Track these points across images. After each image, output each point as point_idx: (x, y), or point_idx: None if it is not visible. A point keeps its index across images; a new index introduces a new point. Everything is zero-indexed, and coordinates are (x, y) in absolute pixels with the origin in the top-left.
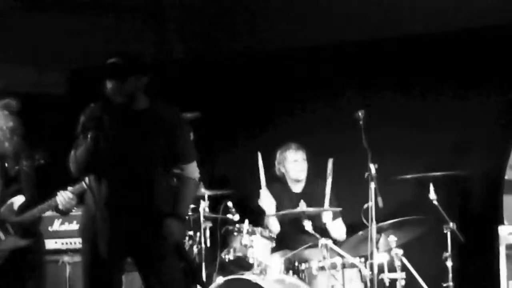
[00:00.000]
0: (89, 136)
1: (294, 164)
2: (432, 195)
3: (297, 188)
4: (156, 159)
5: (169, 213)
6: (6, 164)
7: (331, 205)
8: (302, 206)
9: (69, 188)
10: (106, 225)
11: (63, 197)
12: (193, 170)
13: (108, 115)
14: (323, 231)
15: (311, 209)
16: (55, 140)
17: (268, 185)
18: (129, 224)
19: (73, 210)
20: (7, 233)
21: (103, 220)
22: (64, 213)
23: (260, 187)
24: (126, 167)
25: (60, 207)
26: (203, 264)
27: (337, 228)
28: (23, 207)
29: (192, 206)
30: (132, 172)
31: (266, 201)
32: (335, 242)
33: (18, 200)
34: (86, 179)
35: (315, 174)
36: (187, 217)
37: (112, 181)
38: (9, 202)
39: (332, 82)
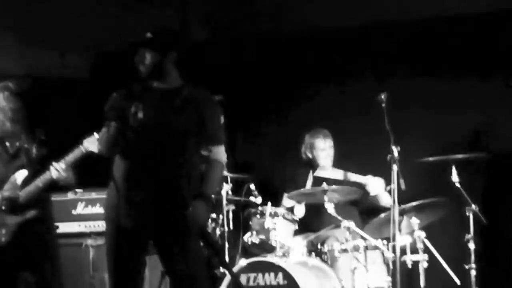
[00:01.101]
0: (111, 125)
1: (322, 152)
2: (455, 177)
3: (322, 173)
4: (187, 138)
5: (196, 194)
6: (7, 143)
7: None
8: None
9: (66, 157)
10: (131, 206)
11: (56, 168)
12: (221, 153)
13: (139, 97)
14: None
15: (333, 187)
16: (77, 123)
17: (293, 170)
18: (155, 206)
19: (72, 182)
20: (13, 208)
21: (129, 200)
22: (67, 188)
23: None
24: (155, 147)
25: (55, 177)
26: (226, 246)
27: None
28: (26, 181)
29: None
30: (161, 152)
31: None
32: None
33: (21, 175)
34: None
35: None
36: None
37: (140, 160)
38: (12, 178)
39: (354, 64)
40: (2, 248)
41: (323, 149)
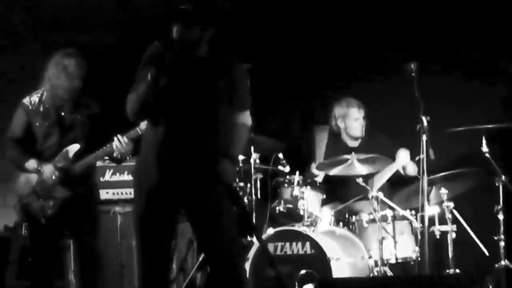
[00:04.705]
0: (150, 73)
1: (355, 122)
2: (484, 147)
3: (353, 143)
4: (215, 102)
5: (223, 155)
6: (63, 113)
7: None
8: (353, 158)
9: (125, 134)
10: (159, 169)
11: (119, 142)
12: (247, 116)
13: (171, 55)
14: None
15: (362, 156)
16: (107, 91)
17: (323, 138)
18: (183, 168)
19: (128, 158)
20: (63, 181)
21: (157, 164)
22: (119, 161)
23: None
24: (184, 109)
25: (116, 152)
26: (254, 215)
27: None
28: (78, 155)
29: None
30: (189, 115)
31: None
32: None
33: (73, 148)
34: (141, 125)
35: (372, 129)
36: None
37: (169, 123)
38: (64, 150)
39: (385, 32)
40: (48, 219)
41: (357, 118)
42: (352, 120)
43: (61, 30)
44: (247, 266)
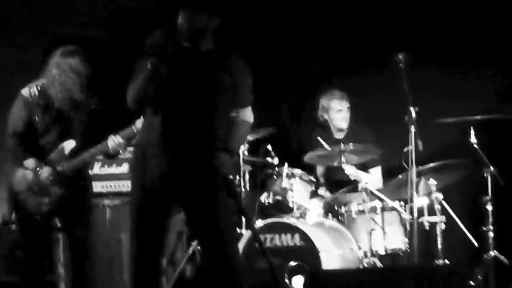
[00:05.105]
0: (150, 62)
1: (338, 114)
2: (473, 138)
3: (339, 135)
4: (215, 96)
5: (221, 148)
6: (62, 109)
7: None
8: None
9: (120, 132)
10: (157, 160)
11: (114, 141)
12: (248, 113)
13: (172, 45)
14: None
15: (351, 145)
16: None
17: (310, 130)
18: (181, 159)
19: (121, 153)
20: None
21: (155, 154)
22: (113, 157)
23: None
24: (183, 100)
25: (110, 151)
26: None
27: (373, 177)
28: (74, 152)
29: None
30: (188, 107)
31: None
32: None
33: (69, 145)
34: (137, 123)
35: (359, 120)
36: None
37: (168, 114)
38: (60, 146)
39: (372, 21)
40: (42, 215)
41: (339, 110)
42: (334, 112)
43: (56, 24)
44: None
